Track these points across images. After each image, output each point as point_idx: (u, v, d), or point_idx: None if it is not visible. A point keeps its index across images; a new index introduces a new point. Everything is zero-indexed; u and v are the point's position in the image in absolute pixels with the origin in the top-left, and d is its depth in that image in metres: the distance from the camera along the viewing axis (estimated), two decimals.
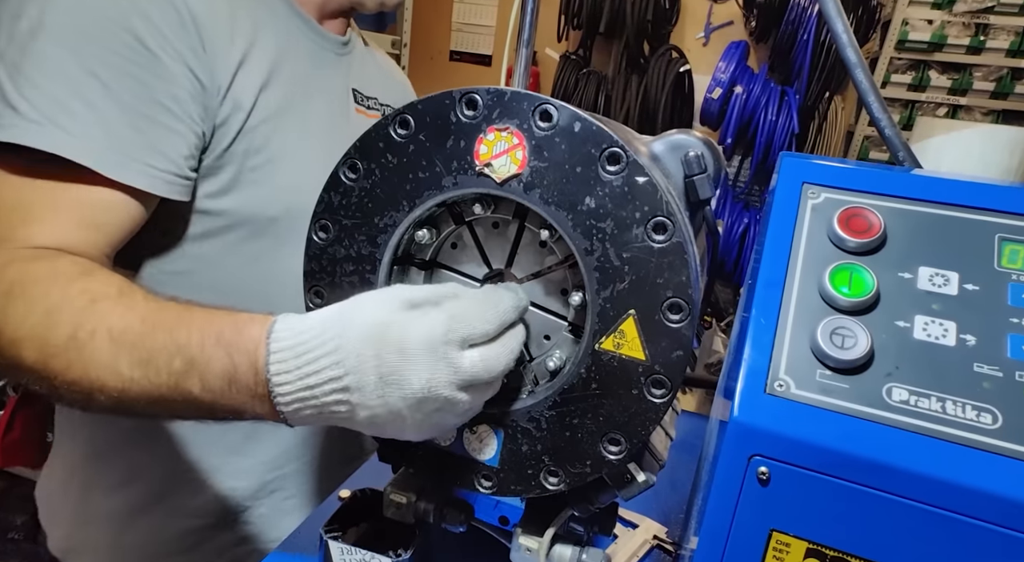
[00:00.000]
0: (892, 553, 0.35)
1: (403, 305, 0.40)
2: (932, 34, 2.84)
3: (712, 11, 3.09)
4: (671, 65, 2.91)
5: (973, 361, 0.36)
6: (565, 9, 2.97)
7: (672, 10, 3.01)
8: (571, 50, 3.06)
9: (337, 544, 0.52)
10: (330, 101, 0.75)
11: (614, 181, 0.42)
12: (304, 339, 0.40)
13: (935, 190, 0.42)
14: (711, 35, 3.13)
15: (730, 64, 3.02)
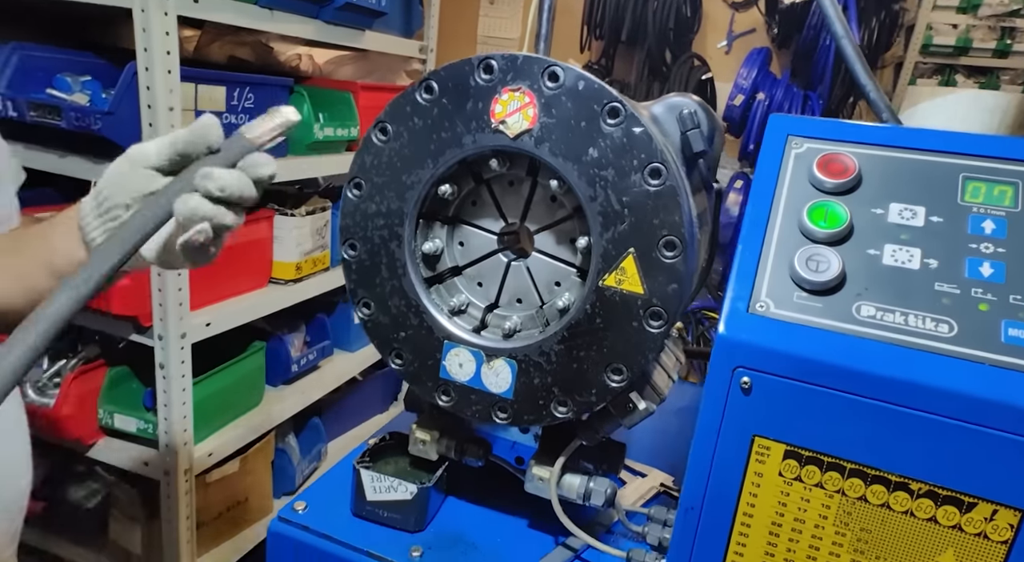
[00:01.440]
0: (860, 450, 0.40)
1: None
2: (957, 38, 2.83)
3: (734, 19, 3.13)
4: (693, 72, 2.96)
5: (934, 281, 0.40)
6: (588, 19, 3.04)
7: (694, 19, 3.06)
8: (593, 59, 3.13)
9: (368, 472, 0.57)
10: None
11: (614, 133, 0.47)
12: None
13: (907, 138, 0.46)
14: (733, 43, 3.17)
15: (752, 70, 3.05)
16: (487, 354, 0.53)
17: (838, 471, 0.40)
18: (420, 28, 1.75)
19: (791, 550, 0.43)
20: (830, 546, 0.41)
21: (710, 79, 2.98)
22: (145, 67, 1.04)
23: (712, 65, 2.98)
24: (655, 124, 0.53)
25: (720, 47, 3.20)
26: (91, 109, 1.08)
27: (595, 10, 2.95)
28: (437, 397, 0.56)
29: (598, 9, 2.93)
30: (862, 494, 0.40)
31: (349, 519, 0.58)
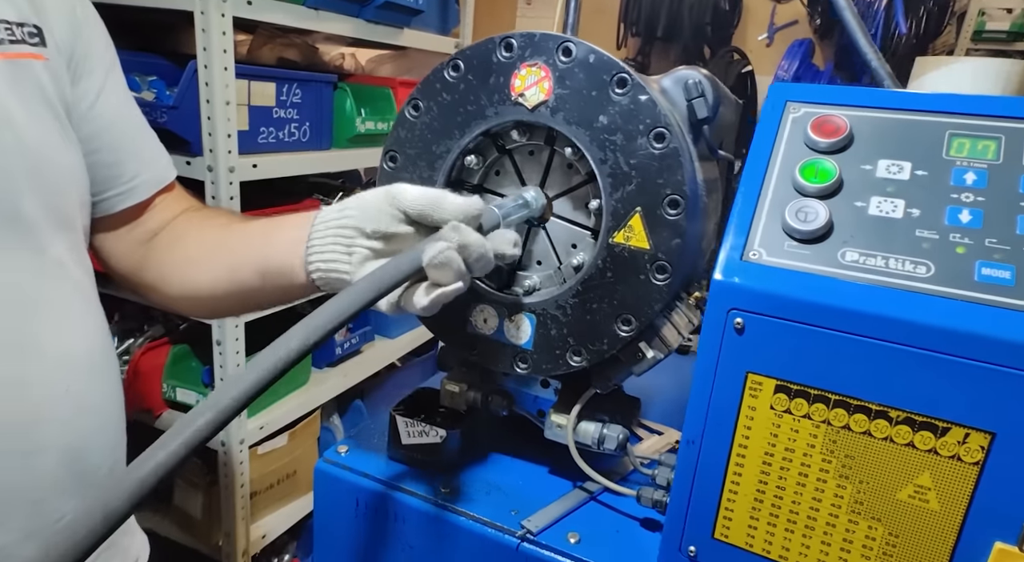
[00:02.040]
0: (843, 382, 0.43)
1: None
2: (1012, 23, 2.74)
3: (776, 11, 3.10)
4: (731, 66, 2.95)
5: (915, 228, 0.44)
6: (623, 17, 3.06)
7: (733, 12, 3.04)
8: (630, 56, 3.15)
9: (403, 419, 0.63)
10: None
11: (622, 101, 0.52)
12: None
13: (897, 100, 0.49)
14: (775, 35, 3.14)
15: (793, 62, 3.02)
16: (509, 309, 0.58)
17: (823, 403, 0.44)
18: (456, 26, 1.82)
19: (782, 477, 0.46)
20: (818, 472, 0.45)
21: (750, 73, 2.96)
22: (204, 65, 1.14)
23: (752, 58, 2.96)
24: (664, 95, 0.57)
25: (761, 40, 3.17)
26: (158, 104, 1.19)
27: (631, 7, 2.98)
28: (464, 350, 0.61)
29: (634, 6, 2.95)
30: (846, 423, 0.44)
31: (385, 461, 0.64)
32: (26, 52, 0.57)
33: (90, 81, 0.65)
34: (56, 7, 0.62)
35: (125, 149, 0.68)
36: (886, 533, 0.44)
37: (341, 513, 0.63)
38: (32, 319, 0.58)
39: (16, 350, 0.57)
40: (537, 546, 0.54)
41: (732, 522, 0.49)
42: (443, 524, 0.58)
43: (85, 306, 0.65)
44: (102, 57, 0.67)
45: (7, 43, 0.56)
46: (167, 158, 0.75)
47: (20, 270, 0.57)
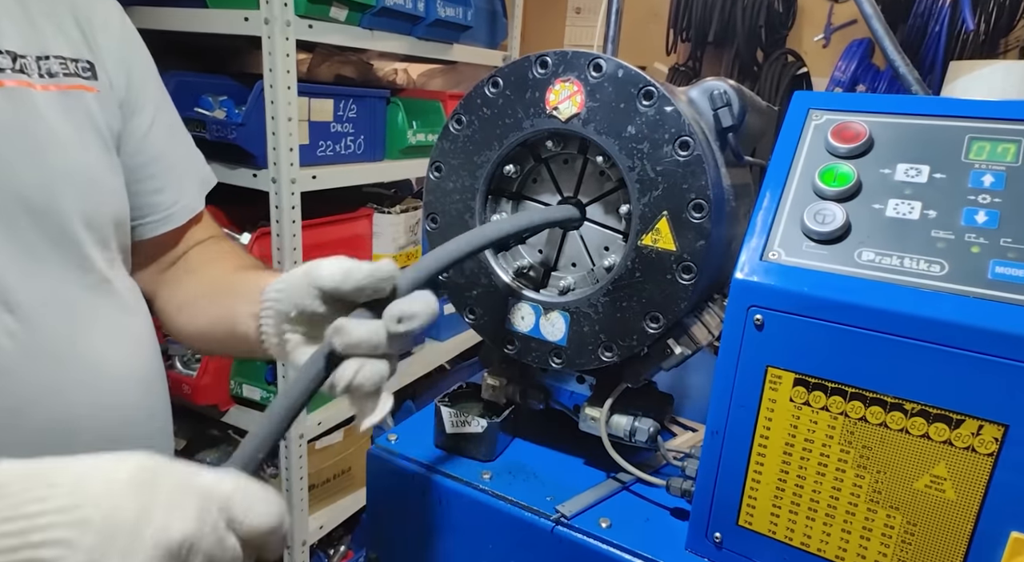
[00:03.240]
0: (859, 376, 0.45)
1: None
2: None
3: (833, 11, 3.03)
4: (786, 69, 2.90)
5: (932, 229, 0.45)
6: (673, 22, 3.05)
7: (788, 14, 2.99)
8: (680, 62, 3.13)
9: (447, 409, 0.68)
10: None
11: (648, 112, 0.55)
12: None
13: (918, 105, 0.51)
14: (832, 36, 3.07)
15: (851, 63, 2.94)
16: (545, 308, 0.62)
17: (841, 395, 0.46)
18: (504, 39, 1.88)
19: (802, 467, 0.48)
20: (836, 463, 0.47)
21: (805, 74, 2.90)
22: (270, 85, 1.23)
23: (808, 60, 2.90)
24: (691, 105, 0.60)
25: (817, 41, 3.10)
26: (228, 122, 1.29)
27: (681, 13, 2.97)
28: (503, 346, 0.65)
29: (684, 12, 2.95)
30: (862, 415, 0.45)
31: (431, 448, 0.69)
32: (78, 84, 0.64)
33: (140, 118, 0.71)
34: (108, 47, 0.68)
35: (167, 179, 0.74)
36: (904, 522, 0.45)
37: (391, 495, 0.68)
38: (77, 330, 0.62)
39: (57, 360, 0.61)
40: (571, 529, 0.58)
41: (756, 510, 0.51)
42: (483, 507, 0.62)
43: (129, 320, 0.69)
44: (152, 96, 0.73)
45: (61, 76, 0.62)
46: (198, 188, 0.80)
47: (68, 283, 0.62)
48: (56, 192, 0.61)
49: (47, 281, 0.61)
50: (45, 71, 0.61)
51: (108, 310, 0.67)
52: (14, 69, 0.58)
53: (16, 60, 0.59)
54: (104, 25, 0.68)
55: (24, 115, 0.59)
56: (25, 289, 0.59)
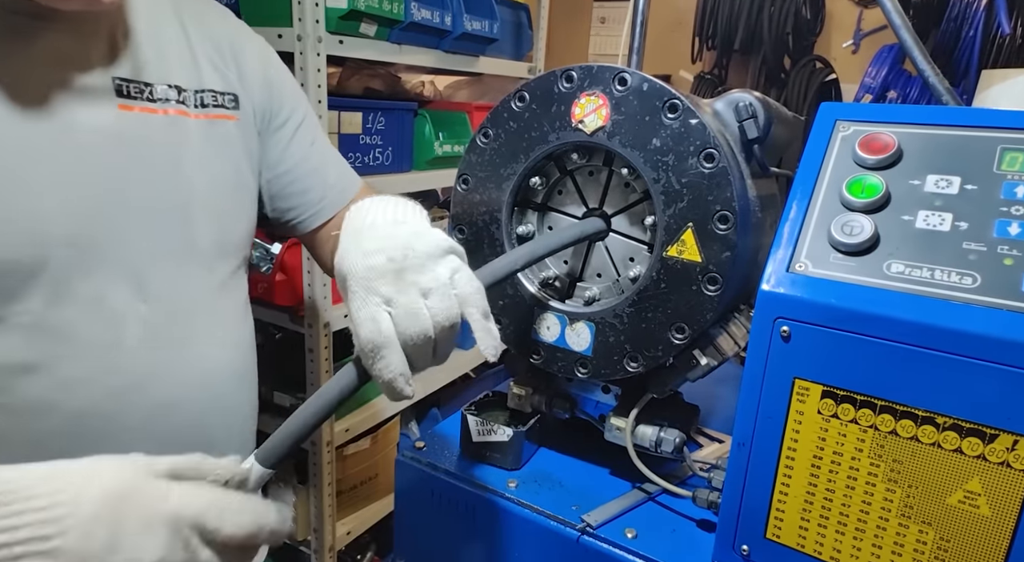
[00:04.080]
0: (888, 388, 0.45)
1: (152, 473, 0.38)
2: None
3: (862, 16, 2.99)
4: (814, 76, 2.86)
5: (963, 241, 0.45)
6: (699, 30, 3.04)
7: (816, 20, 2.96)
8: (705, 70, 3.12)
9: (473, 418, 0.69)
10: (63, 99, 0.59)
11: (673, 124, 0.56)
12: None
13: (949, 116, 0.50)
14: (861, 41, 3.03)
15: (881, 69, 2.89)
16: (570, 318, 0.63)
17: (870, 408, 0.46)
18: (530, 51, 1.90)
19: (831, 480, 0.48)
20: (866, 476, 0.47)
21: (834, 81, 2.87)
22: None
23: (837, 66, 2.86)
24: (716, 117, 0.60)
25: (846, 47, 3.06)
26: None
27: (707, 21, 2.96)
28: (529, 356, 0.66)
29: (710, 20, 2.94)
30: (892, 428, 0.45)
31: (458, 456, 0.70)
32: (223, 113, 0.73)
33: (282, 132, 0.80)
34: (253, 75, 0.77)
35: (311, 180, 0.83)
36: (937, 537, 0.45)
37: (418, 502, 0.69)
38: (194, 327, 0.71)
39: (173, 349, 0.68)
40: (596, 539, 0.58)
41: (784, 523, 0.51)
42: (509, 515, 0.62)
43: (237, 323, 0.78)
44: (294, 109, 0.82)
45: (211, 106, 0.72)
46: (350, 177, 0.88)
47: (195, 286, 0.71)
48: (194, 206, 0.69)
49: (179, 281, 0.69)
50: (199, 102, 0.71)
51: (222, 314, 0.75)
52: (178, 100, 0.69)
53: (180, 93, 0.69)
54: (252, 58, 0.77)
55: (178, 137, 0.68)
56: (160, 285, 0.67)
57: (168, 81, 0.68)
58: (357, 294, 0.48)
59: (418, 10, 1.43)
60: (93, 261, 0.62)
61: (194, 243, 0.70)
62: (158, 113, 0.67)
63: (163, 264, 0.67)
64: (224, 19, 0.79)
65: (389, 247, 0.49)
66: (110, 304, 0.63)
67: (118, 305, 0.64)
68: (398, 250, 0.49)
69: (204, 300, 0.72)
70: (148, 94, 0.66)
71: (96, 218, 0.62)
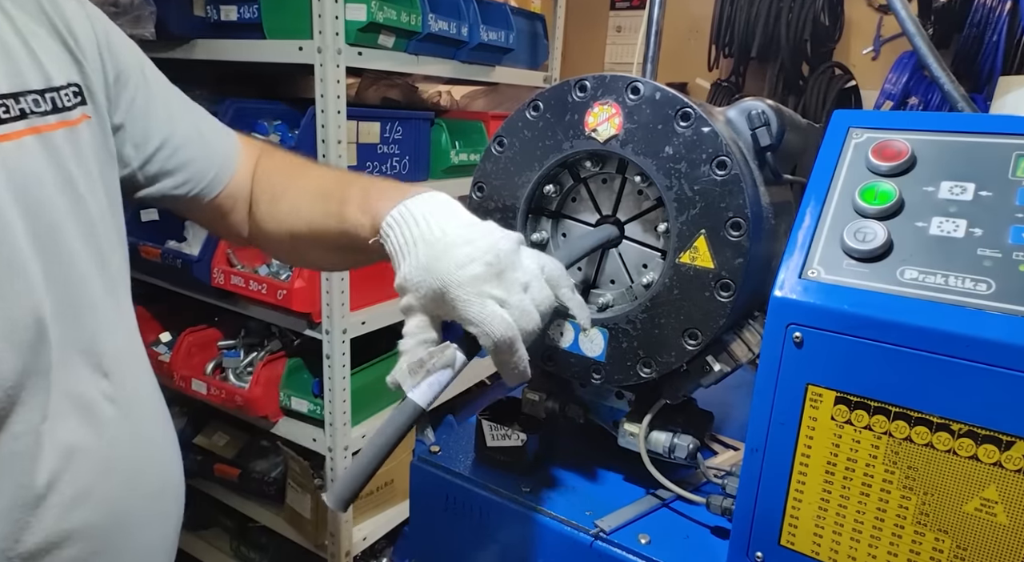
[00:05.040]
0: (902, 395, 0.45)
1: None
2: None
3: (882, 22, 2.97)
4: (833, 82, 2.84)
5: (977, 247, 0.45)
6: (716, 38, 3.04)
7: (834, 27, 2.94)
8: (722, 77, 3.11)
9: (488, 423, 0.69)
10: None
11: (686, 132, 0.56)
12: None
13: (963, 122, 0.50)
14: (881, 48, 3.00)
15: (902, 75, 2.87)
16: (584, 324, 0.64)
17: (884, 414, 0.46)
18: (546, 60, 1.92)
19: (846, 487, 0.48)
20: (881, 483, 0.46)
21: (854, 87, 2.84)
22: (321, 109, 1.29)
23: (856, 73, 2.84)
24: (729, 125, 0.61)
25: (866, 53, 3.04)
26: (281, 145, 1.35)
27: (723, 28, 2.95)
28: (543, 362, 0.67)
29: (727, 27, 2.93)
30: (907, 435, 0.45)
31: (472, 461, 0.70)
32: (80, 116, 0.58)
33: (134, 106, 0.65)
34: (90, 49, 0.60)
35: (189, 153, 0.70)
36: (954, 546, 0.44)
37: (433, 506, 0.70)
38: (143, 380, 0.66)
39: (143, 417, 0.64)
40: (610, 544, 0.58)
41: (798, 529, 0.51)
42: (523, 520, 0.63)
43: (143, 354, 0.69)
44: (132, 70, 0.66)
45: (64, 110, 0.56)
46: (228, 140, 0.75)
47: (126, 334, 0.64)
48: (98, 242, 0.60)
49: (120, 336, 0.62)
50: (52, 105, 0.55)
51: (140, 349, 0.67)
52: (43, 111, 0.54)
53: (44, 99, 0.54)
54: (75, 20, 0.59)
55: (55, 159, 0.55)
56: (111, 348, 0.60)
57: (27, 86, 0.53)
58: (472, 301, 0.50)
59: (435, 21, 1.46)
60: (52, 362, 0.54)
61: (114, 287, 0.62)
62: (27, 134, 0.53)
63: (103, 323, 0.59)
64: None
65: (479, 254, 0.51)
66: (82, 395, 0.57)
67: (88, 392, 0.57)
68: (490, 254, 0.51)
69: (135, 346, 0.66)
70: (11, 110, 0.52)
71: (43, 307, 0.53)
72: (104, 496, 0.58)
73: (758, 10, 2.80)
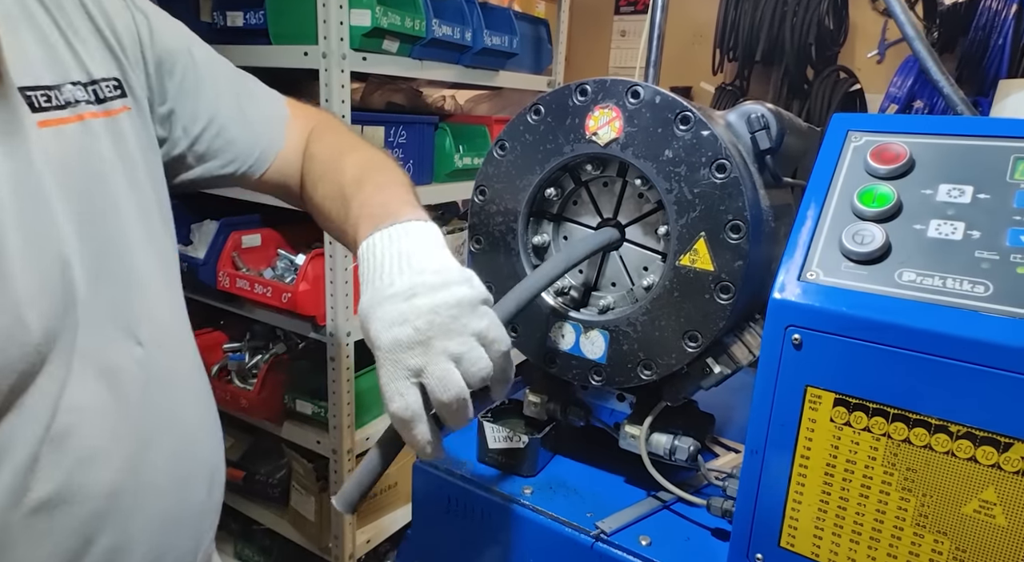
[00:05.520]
0: (900, 396, 0.45)
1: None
2: None
3: (887, 26, 2.97)
4: (837, 86, 2.84)
5: (975, 249, 0.45)
6: (720, 42, 3.04)
7: (839, 30, 2.94)
8: (727, 82, 3.11)
9: (489, 424, 0.70)
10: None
11: (685, 136, 0.57)
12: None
13: (961, 125, 0.51)
14: (886, 51, 3.00)
15: (907, 79, 2.86)
16: (585, 326, 0.64)
17: (883, 416, 0.46)
18: (549, 65, 1.92)
19: (845, 489, 0.48)
20: (880, 484, 0.46)
21: (858, 91, 2.84)
22: None
23: (861, 76, 2.84)
24: (728, 129, 0.61)
25: (871, 57, 3.04)
26: None
27: (727, 32, 2.95)
28: (545, 364, 0.67)
29: (731, 31, 2.93)
30: (906, 437, 0.45)
31: (474, 463, 0.71)
32: (121, 107, 0.61)
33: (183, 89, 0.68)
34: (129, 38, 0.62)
35: (232, 132, 0.72)
36: (953, 547, 0.44)
37: (435, 508, 0.70)
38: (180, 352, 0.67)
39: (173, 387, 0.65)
40: (610, 546, 0.59)
41: (798, 531, 0.51)
42: (524, 521, 0.63)
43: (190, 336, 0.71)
44: (179, 52, 0.68)
45: (108, 100, 0.59)
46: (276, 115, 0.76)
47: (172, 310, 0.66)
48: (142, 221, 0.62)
49: (163, 311, 0.64)
50: (94, 96, 0.58)
51: (186, 330, 0.70)
52: (87, 100, 0.57)
53: (85, 89, 0.57)
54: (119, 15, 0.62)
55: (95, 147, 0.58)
56: (149, 320, 0.61)
57: (69, 78, 0.56)
58: (385, 368, 0.49)
59: (439, 26, 1.47)
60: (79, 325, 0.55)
61: (161, 260, 0.64)
62: (72, 121, 0.55)
63: (142, 292, 0.61)
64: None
65: (412, 316, 0.48)
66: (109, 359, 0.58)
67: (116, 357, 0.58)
68: (422, 319, 0.48)
69: (177, 322, 0.67)
70: (56, 99, 0.55)
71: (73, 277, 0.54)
72: (119, 458, 0.58)
73: (762, 14, 2.81)
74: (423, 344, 0.48)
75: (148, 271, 0.63)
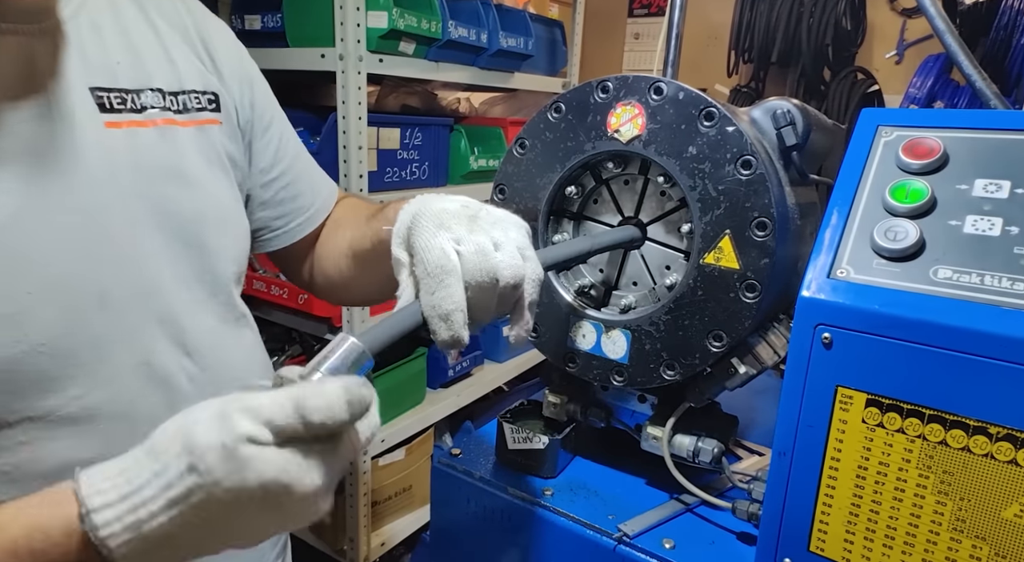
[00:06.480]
0: (937, 397, 0.43)
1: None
2: None
3: (906, 26, 2.93)
4: (855, 87, 2.81)
5: (1014, 245, 0.44)
6: (735, 44, 3.02)
7: (857, 31, 2.91)
8: (742, 83, 3.08)
9: (509, 425, 0.69)
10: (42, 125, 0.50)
11: (710, 132, 0.56)
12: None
13: (997, 120, 0.49)
14: (905, 52, 2.96)
15: (927, 79, 2.82)
16: (606, 326, 0.63)
17: (918, 417, 0.44)
18: (564, 67, 1.92)
19: (878, 492, 0.47)
20: (915, 488, 0.45)
21: (877, 92, 2.81)
22: (342, 116, 1.30)
23: (879, 77, 2.80)
24: (753, 125, 0.60)
25: (889, 57, 3.00)
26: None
27: (743, 33, 2.93)
28: (564, 364, 0.66)
29: (746, 32, 2.91)
30: (942, 438, 0.44)
31: (493, 464, 0.70)
32: (208, 118, 0.63)
33: (270, 133, 0.71)
34: (231, 69, 0.66)
35: (302, 185, 0.75)
36: (992, 553, 0.43)
37: (454, 509, 0.69)
38: (232, 366, 0.64)
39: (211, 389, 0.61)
40: (633, 549, 0.58)
41: (828, 535, 0.50)
42: (545, 523, 0.62)
43: (261, 352, 0.72)
44: (274, 107, 0.73)
45: (194, 110, 0.61)
46: (330, 183, 0.80)
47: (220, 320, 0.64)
48: (206, 230, 0.61)
49: (208, 320, 0.62)
50: (182, 106, 0.61)
51: (245, 342, 0.69)
52: (164, 107, 0.59)
53: (165, 97, 0.59)
54: (223, 47, 0.67)
55: (175, 153, 0.59)
56: (196, 330, 0.60)
57: (150, 84, 0.58)
58: (426, 228, 0.47)
59: (455, 28, 1.47)
60: (125, 323, 0.54)
61: (213, 274, 0.63)
62: (147, 126, 0.57)
63: (190, 306, 0.60)
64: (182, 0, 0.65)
65: (466, 201, 0.51)
66: (158, 366, 0.57)
67: (166, 364, 0.58)
68: (475, 203, 0.50)
69: (230, 335, 0.66)
70: (132, 103, 0.56)
71: (118, 270, 0.54)
72: None
73: (778, 15, 2.78)
74: (470, 218, 0.49)
75: (188, 275, 0.60)
